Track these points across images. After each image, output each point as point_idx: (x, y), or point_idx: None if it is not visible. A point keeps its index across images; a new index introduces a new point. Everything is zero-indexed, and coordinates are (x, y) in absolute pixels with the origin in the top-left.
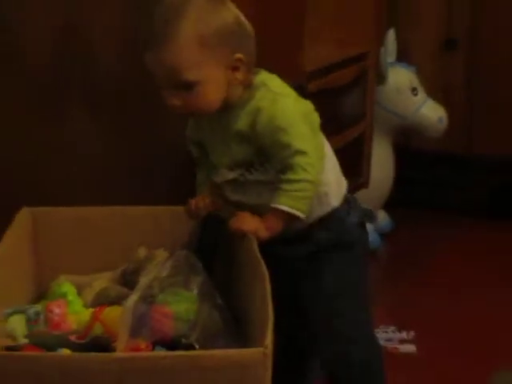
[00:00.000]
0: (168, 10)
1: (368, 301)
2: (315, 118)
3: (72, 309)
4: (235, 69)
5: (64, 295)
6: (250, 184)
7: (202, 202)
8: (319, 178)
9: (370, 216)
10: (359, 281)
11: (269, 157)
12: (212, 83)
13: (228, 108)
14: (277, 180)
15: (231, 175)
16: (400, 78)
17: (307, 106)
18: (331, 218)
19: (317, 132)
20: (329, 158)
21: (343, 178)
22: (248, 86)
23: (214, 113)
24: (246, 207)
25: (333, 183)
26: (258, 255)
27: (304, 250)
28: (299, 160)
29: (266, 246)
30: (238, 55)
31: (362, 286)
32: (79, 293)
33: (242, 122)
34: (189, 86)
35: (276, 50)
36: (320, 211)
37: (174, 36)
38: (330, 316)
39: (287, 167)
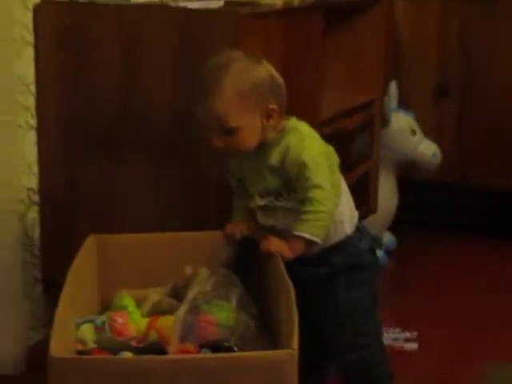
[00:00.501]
0: (213, 69)
1: (376, 313)
2: (335, 158)
3: (132, 318)
4: (269, 116)
5: (125, 307)
6: (278, 210)
7: (236, 227)
8: (335, 210)
9: (377, 243)
10: (370, 298)
11: (294, 188)
12: (249, 129)
13: (263, 147)
14: (299, 209)
15: (263, 202)
16: (401, 122)
17: (329, 148)
18: (345, 244)
19: (335, 170)
20: (344, 192)
21: (355, 210)
22: (280, 130)
23: (250, 152)
24: (275, 230)
25: (347, 214)
26: (284, 271)
27: (322, 271)
28: (316, 194)
29: (291, 268)
30: (272, 105)
31: (372, 302)
32: (137, 305)
33: (274, 159)
34: (231, 132)
35: (298, 101)
36: (336, 238)
37: (218, 92)
38: (342, 330)
39: (307, 199)
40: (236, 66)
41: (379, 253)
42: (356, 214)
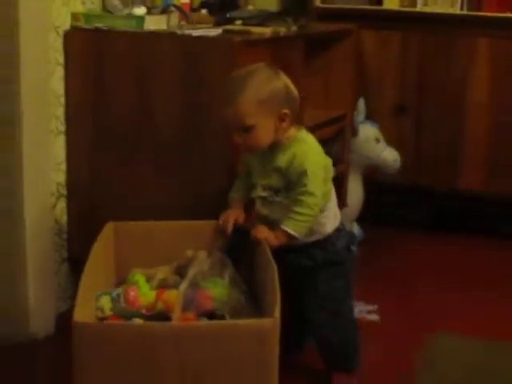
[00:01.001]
0: (238, 79)
1: (350, 299)
2: (331, 171)
3: (142, 292)
4: (282, 120)
5: (137, 282)
6: (275, 203)
7: (228, 220)
8: (320, 214)
9: (354, 241)
10: (345, 288)
11: (292, 189)
12: (264, 128)
13: (273, 149)
14: (291, 207)
15: (264, 194)
16: (367, 132)
17: (327, 161)
18: (326, 242)
19: (329, 182)
20: (332, 199)
21: (339, 215)
22: (292, 137)
23: (263, 151)
24: (268, 220)
25: (331, 218)
26: (270, 255)
27: (305, 262)
28: (308, 199)
29: (281, 257)
30: (285, 110)
31: (347, 291)
32: (147, 281)
33: (281, 162)
34: (248, 130)
35: None
36: (318, 235)
37: (241, 97)
38: (320, 312)
39: (299, 202)
40: (257, 76)
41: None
42: (339, 217)
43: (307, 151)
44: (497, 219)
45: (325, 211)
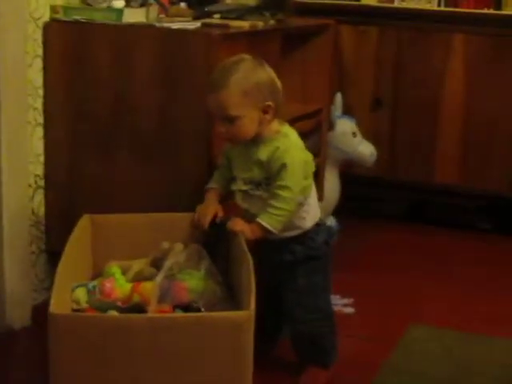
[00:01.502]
0: (224, 68)
1: (328, 294)
2: (311, 166)
3: (118, 284)
4: (265, 112)
5: (113, 274)
6: (255, 197)
7: (205, 213)
8: (298, 209)
9: (332, 234)
10: (323, 282)
11: (271, 183)
12: (248, 120)
13: (255, 142)
14: (267, 202)
15: (245, 187)
16: (344, 126)
17: (309, 157)
18: (305, 237)
19: (309, 177)
20: (313, 195)
21: (319, 210)
22: (275, 131)
23: (245, 143)
24: (248, 213)
25: (311, 213)
26: (245, 248)
27: (286, 258)
28: (285, 193)
29: (259, 251)
30: (269, 102)
31: (325, 285)
32: (123, 273)
33: (263, 155)
34: (231, 120)
35: None
36: (297, 230)
37: (225, 86)
38: (296, 307)
39: (276, 195)
40: (243, 67)
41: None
42: (318, 213)
43: (290, 146)
44: (471, 213)
45: (305, 206)
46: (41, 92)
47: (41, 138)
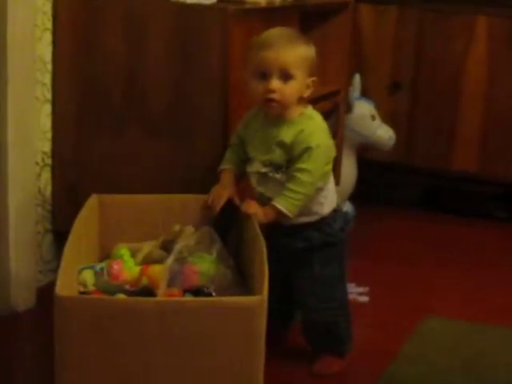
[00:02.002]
0: (282, 31)
1: (344, 282)
2: (333, 152)
3: (127, 266)
4: (308, 87)
5: (121, 256)
6: (273, 180)
7: (217, 199)
8: (316, 194)
9: (348, 221)
10: (339, 271)
11: (290, 165)
12: (299, 84)
13: (277, 123)
14: (285, 185)
15: (263, 169)
16: (362, 109)
17: (331, 142)
18: (322, 223)
19: (330, 162)
20: (331, 181)
21: (336, 196)
22: (299, 113)
23: (264, 122)
24: (263, 196)
25: (328, 198)
26: (258, 231)
27: (300, 244)
28: (305, 176)
29: (275, 239)
30: (313, 78)
31: (341, 273)
32: (132, 255)
33: (287, 136)
34: (288, 78)
35: None
36: (315, 216)
37: (292, 44)
38: (311, 295)
39: (295, 178)
40: (301, 36)
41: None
42: (335, 199)
43: (315, 129)
44: (488, 201)
45: (324, 191)
46: (49, 67)
47: (49, 115)
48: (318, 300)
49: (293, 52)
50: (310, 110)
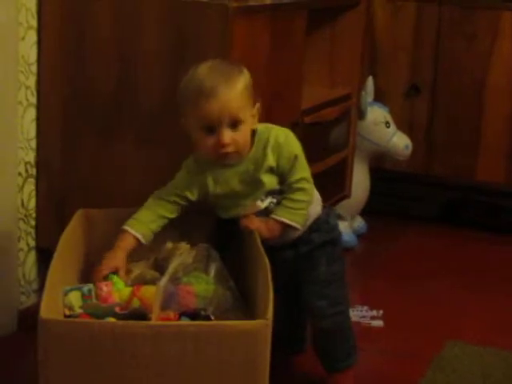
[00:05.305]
0: (211, 71)
1: (346, 284)
2: None
3: (116, 287)
4: (254, 117)
5: (111, 277)
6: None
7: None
8: None
9: (341, 217)
10: (340, 270)
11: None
12: (249, 124)
13: (245, 158)
14: (284, 196)
15: (263, 205)
16: (376, 115)
17: None
18: (319, 222)
19: None
20: None
21: (317, 193)
22: (254, 132)
23: (233, 165)
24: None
25: (316, 197)
26: (261, 248)
27: (302, 249)
28: (305, 185)
29: (271, 251)
30: (258, 104)
31: (342, 273)
32: (122, 276)
33: (270, 159)
34: (237, 125)
35: (280, 93)
36: (311, 218)
37: (230, 86)
38: (320, 299)
39: (296, 189)
40: (231, 65)
41: (350, 232)
42: (318, 194)
43: (287, 136)
44: None
45: None
46: (34, 69)
47: (33, 121)
48: (329, 304)
49: (234, 93)
50: (260, 125)
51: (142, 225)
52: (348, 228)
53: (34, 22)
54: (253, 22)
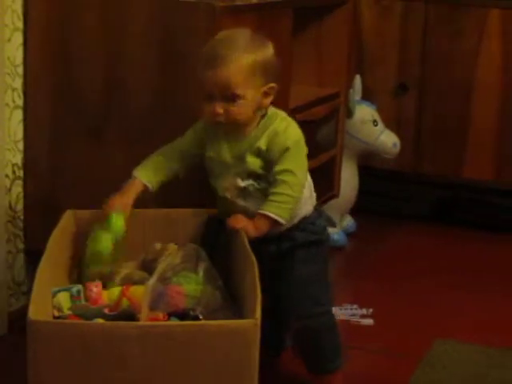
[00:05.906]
0: (225, 40)
1: (329, 284)
2: (305, 145)
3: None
4: (267, 95)
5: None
6: (257, 192)
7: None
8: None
9: (331, 222)
10: (323, 271)
11: (270, 169)
12: (250, 100)
13: (246, 132)
14: (269, 190)
15: (243, 183)
16: (364, 113)
17: (302, 134)
18: (306, 222)
19: (306, 156)
20: (308, 178)
21: (314, 193)
22: (264, 115)
23: (234, 135)
24: (247, 212)
25: (307, 195)
26: (248, 248)
27: (284, 246)
28: (288, 178)
29: (255, 244)
30: (272, 84)
31: (325, 274)
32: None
33: (262, 141)
34: (234, 99)
35: None
36: (298, 217)
37: (233, 60)
38: (302, 299)
39: (278, 181)
40: (248, 40)
41: (340, 231)
42: (314, 195)
43: (288, 126)
44: (506, 213)
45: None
46: (20, 70)
47: (20, 122)
48: (312, 303)
49: (236, 67)
50: (272, 109)
51: (149, 171)
52: (337, 227)
53: (20, 24)
54: (239, 21)
